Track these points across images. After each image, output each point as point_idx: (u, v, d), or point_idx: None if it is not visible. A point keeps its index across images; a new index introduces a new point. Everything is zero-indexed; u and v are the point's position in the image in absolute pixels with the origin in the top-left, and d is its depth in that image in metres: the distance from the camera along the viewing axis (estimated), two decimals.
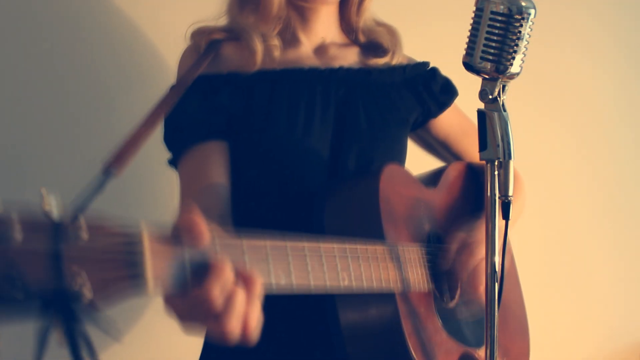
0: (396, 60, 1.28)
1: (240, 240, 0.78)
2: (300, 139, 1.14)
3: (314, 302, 1.08)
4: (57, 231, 0.61)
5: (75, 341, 0.62)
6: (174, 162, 1.19)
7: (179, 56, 1.24)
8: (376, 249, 1.01)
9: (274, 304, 0.82)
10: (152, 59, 1.57)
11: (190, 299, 0.71)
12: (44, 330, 0.61)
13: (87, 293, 0.61)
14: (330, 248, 0.92)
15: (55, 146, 1.48)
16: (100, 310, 0.63)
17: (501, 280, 0.98)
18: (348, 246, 0.96)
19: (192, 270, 0.71)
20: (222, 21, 1.25)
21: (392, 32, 1.30)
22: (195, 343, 1.21)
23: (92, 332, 0.63)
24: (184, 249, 0.71)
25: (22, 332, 0.65)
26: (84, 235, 0.62)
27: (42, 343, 0.61)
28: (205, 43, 1.20)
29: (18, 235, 0.59)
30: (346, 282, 0.93)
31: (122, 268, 0.64)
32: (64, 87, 1.49)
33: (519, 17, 0.93)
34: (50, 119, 1.48)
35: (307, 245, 0.88)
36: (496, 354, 0.97)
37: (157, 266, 0.67)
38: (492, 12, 0.93)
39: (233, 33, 1.22)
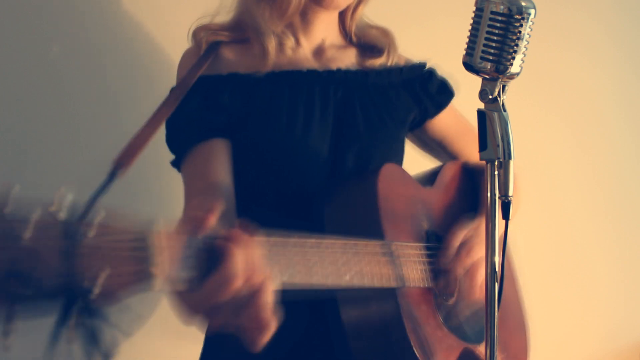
0: (392, 61, 1.29)
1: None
2: (300, 139, 1.15)
3: (313, 303, 1.08)
4: (65, 229, 0.62)
5: (87, 337, 0.63)
6: (176, 163, 1.19)
7: (181, 55, 1.24)
8: (374, 245, 1.02)
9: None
10: (156, 58, 1.57)
11: (200, 293, 0.73)
12: (58, 324, 0.62)
13: (96, 289, 0.62)
14: (332, 243, 0.93)
15: (61, 144, 1.48)
16: (110, 305, 0.64)
17: (501, 280, 0.98)
18: (348, 242, 0.96)
19: (199, 265, 0.72)
20: (222, 17, 1.25)
21: (385, 32, 1.31)
22: (194, 342, 1.21)
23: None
24: (191, 236, 0.72)
25: (33, 328, 0.66)
26: (93, 232, 0.63)
27: (55, 336, 0.62)
28: (205, 45, 1.20)
29: (28, 233, 0.60)
30: (347, 278, 0.94)
31: (131, 264, 0.65)
32: (69, 86, 1.49)
33: (519, 17, 0.93)
34: (56, 119, 1.48)
35: (309, 241, 0.89)
36: (496, 352, 0.97)
37: (164, 262, 0.68)
38: (492, 12, 0.93)
39: (237, 31, 1.22)
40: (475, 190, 1.33)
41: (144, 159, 0.95)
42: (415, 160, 1.35)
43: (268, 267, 0.80)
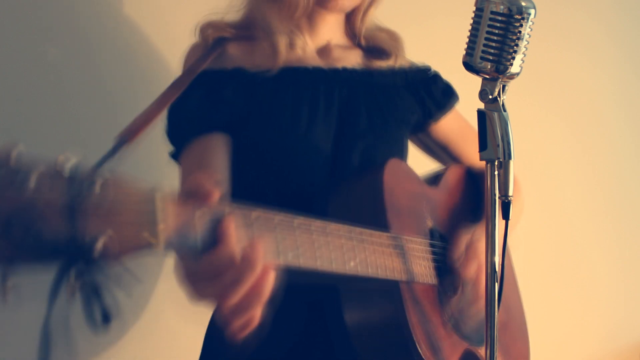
0: (399, 63, 1.29)
1: (249, 211, 0.79)
2: (303, 137, 1.15)
3: (312, 302, 1.08)
4: (71, 183, 0.61)
5: (88, 292, 0.62)
6: (175, 155, 1.20)
7: (180, 56, 1.24)
8: (380, 236, 1.02)
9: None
10: (154, 58, 1.57)
11: (200, 262, 0.73)
12: (57, 280, 0.61)
13: (99, 246, 0.62)
14: (337, 228, 0.92)
15: (59, 144, 1.47)
16: (112, 263, 0.64)
17: (501, 280, 0.98)
18: (354, 229, 0.96)
19: (202, 230, 0.72)
20: (232, 16, 1.25)
21: (394, 37, 1.31)
22: (196, 341, 1.21)
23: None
24: (195, 208, 0.72)
25: (33, 282, 0.66)
26: (98, 189, 0.63)
27: (54, 293, 0.61)
28: (212, 40, 1.20)
29: (33, 184, 0.59)
30: (352, 264, 0.93)
31: (134, 225, 0.65)
32: (67, 87, 1.49)
33: (519, 17, 0.93)
34: (54, 119, 1.48)
35: (314, 223, 0.88)
36: (496, 353, 0.97)
37: (168, 223, 0.68)
38: (492, 12, 0.93)
39: (245, 30, 1.22)
40: (479, 194, 1.32)
41: (140, 155, 0.95)
42: (419, 161, 1.35)
43: (272, 244, 0.79)
